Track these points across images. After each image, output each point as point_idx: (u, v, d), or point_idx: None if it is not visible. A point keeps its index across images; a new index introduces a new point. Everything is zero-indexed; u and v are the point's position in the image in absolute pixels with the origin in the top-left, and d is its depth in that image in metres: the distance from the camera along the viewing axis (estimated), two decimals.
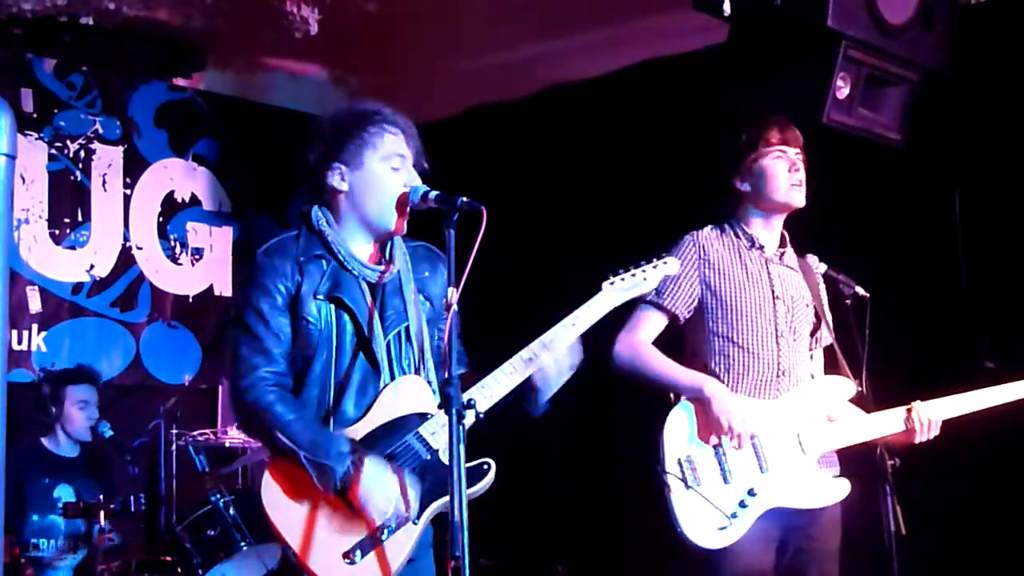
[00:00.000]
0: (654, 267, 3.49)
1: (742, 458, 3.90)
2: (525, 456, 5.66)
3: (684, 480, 3.83)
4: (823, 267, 4.31)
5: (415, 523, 3.17)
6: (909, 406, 4.07)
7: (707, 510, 3.82)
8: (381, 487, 3.12)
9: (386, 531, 3.13)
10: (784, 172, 4.11)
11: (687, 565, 3.90)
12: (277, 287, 3.26)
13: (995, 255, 5.39)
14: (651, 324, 4.09)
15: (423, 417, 3.25)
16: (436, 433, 3.22)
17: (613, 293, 3.40)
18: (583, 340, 3.35)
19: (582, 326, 3.31)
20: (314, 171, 3.35)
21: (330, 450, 3.13)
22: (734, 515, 3.82)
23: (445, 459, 3.16)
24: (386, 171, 3.30)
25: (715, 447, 3.90)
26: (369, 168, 3.31)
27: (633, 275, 3.45)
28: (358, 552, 3.11)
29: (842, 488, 4.01)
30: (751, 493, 3.85)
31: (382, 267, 3.36)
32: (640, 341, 4.06)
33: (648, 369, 4.04)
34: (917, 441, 4.06)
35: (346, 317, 3.28)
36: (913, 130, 5.26)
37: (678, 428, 3.91)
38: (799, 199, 4.14)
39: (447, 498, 3.09)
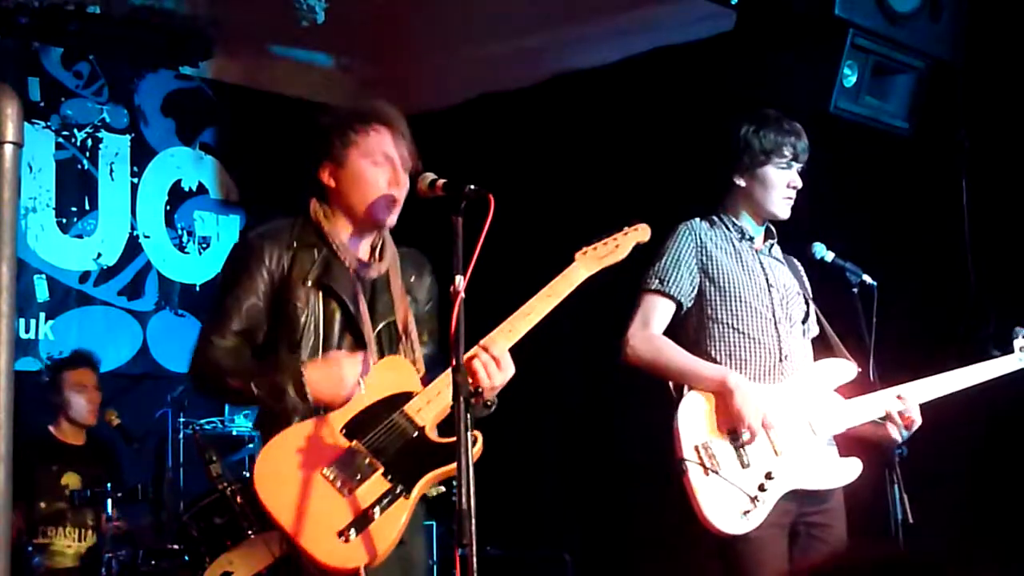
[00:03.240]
0: (625, 234, 3.56)
1: (757, 443, 3.90)
2: (532, 445, 5.67)
3: (703, 465, 3.83)
4: (830, 255, 4.31)
5: (406, 498, 3.18)
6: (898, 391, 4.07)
7: (729, 496, 3.81)
8: (343, 373, 3.20)
9: (378, 507, 3.14)
10: (783, 185, 4.13)
11: (701, 551, 3.89)
12: (261, 272, 3.33)
13: (1002, 242, 5.39)
14: (662, 314, 4.08)
15: (408, 396, 3.28)
16: (422, 411, 3.25)
17: (587, 262, 3.47)
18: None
19: (557, 299, 3.36)
20: (309, 167, 3.42)
21: (279, 372, 3.21)
22: (756, 499, 3.81)
23: (432, 436, 3.23)
24: (369, 168, 3.37)
25: (730, 432, 3.90)
26: (352, 166, 3.39)
27: (606, 244, 3.53)
28: (352, 530, 3.12)
29: (855, 467, 4.01)
30: (769, 477, 3.85)
31: (373, 261, 3.42)
32: (654, 334, 4.06)
33: (667, 362, 4.03)
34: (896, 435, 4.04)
35: (334, 305, 3.33)
36: (920, 118, 5.26)
37: (693, 414, 3.91)
38: (786, 213, 4.17)
39: (438, 471, 3.19)
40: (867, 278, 4.27)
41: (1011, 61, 5.39)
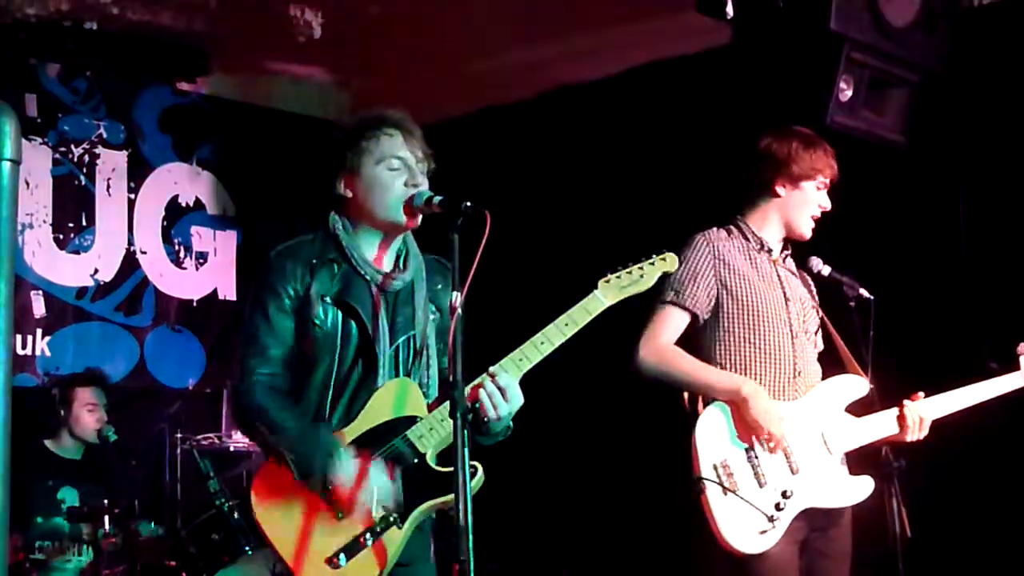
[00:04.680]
0: (651, 263, 3.41)
1: (774, 461, 3.90)
2: (530, 459, 5.65)
3: (721, 485, 3.82)
4: (827, 269, 4.31)
5: (399, 527, 3.16)
6: (901, 404, 4.08)
7: (747, 514, 3.80)
8: (363, 487, 3.14)
9: (370, 534, 3.13)
10: (815, 205, 4.17)
11: (705, 566, 3.88)
12: (286, 289, 3.29)
13: (998, 255, 5.39)
14: (674, 325, 4.06)
15: (412, 421, 3.25)
16: (423, 436, 3.22)
17: (609, 292, 3.34)
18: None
19: (574, 328, 3.27)
20: (326, 183, 3.40)
21: (315, 452, 3.14)
22: (773, 518, 3.81)
23: (431, 463, 3.21)
24: (383, 172, 3.33)
25: (747, 450, 3.89)
26: (367, 173, 3.34)
27: (630, 272, 3.38)
28: (342, 556, 3.12)
29: (866, 485, 4.01)
30: (785, 495, 3.84)
31: (396, 273, 3.38)
32: (666, 345, 4.04)
33: (678, 372, 4.01)
34: (908, 439, 4.06)
35: (352, 322, 3.29)
36: (916, 131, 5.27)
37: (710, 432, 3.90)
38: (808, 233, 4.20)
39: (433, 501, 3.17)
40: (864, 292, 4.27)
41: (1005, 74, 5.40)
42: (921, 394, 4.14)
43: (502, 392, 3.17)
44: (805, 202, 4.16)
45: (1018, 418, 4.49)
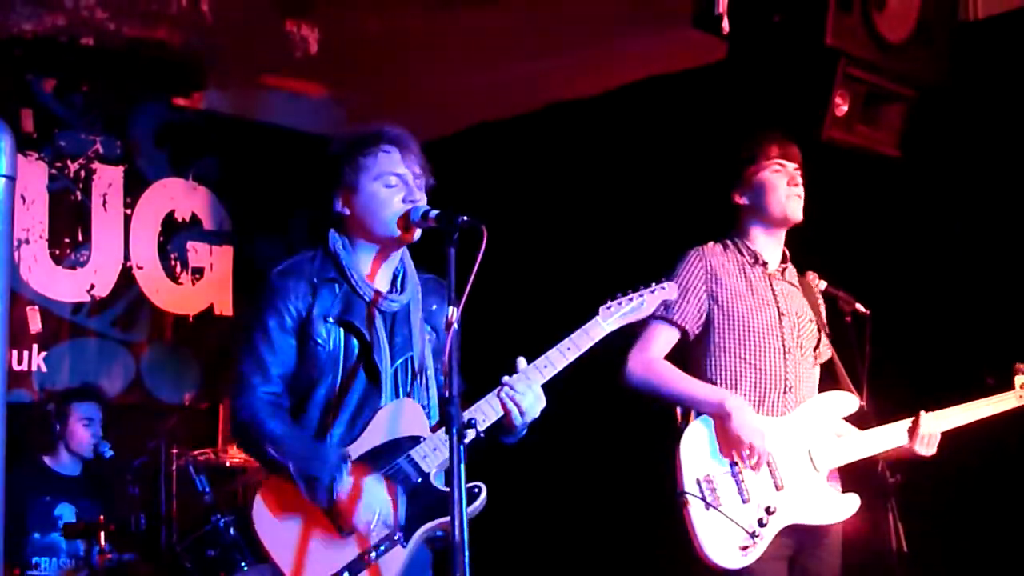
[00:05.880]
0: (652, 292, 3.51)
1: (758, 476, 3.89)
2: (526, 476, 5.65)
3: (704, 500, 3.82)
4: (823, 284, 4.31)
5: (403, 546, 3.16)
6: (915, 416, 4.07)
7: (728, 530, 3.80)
8: (367, 500, 3.14)
9: (374, 552, 3.13)
10: (783, 185, 4.14)
11: None
12: (288, 308, 3.29)
13: (995, 269, 5.39)
14: (663, 340, 4.07)
15: (415, 440, 3.26)
16: (427, 457, 3.23)
17: (609, 319, 3.40)
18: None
19: (576, 352, 3.32)
20: (323, 199, 3.40)
21: (320, 463, 3.15)
22: (754, 534, 3.80)
23: (435, 483, 3.22)
24: (381, 189, 3.34)
25: (731, 465, 3.88)
26: (365, 190, 3.36)
27: (631, 300, 3.47)
28: (346, 574, 3.11)
29: (853, 503, 4.00)
30: (768, 511, 3.84)
31: (393, 294, 3.38)
32: (654, 358, 4.05)
33: (665, 385, 4.01)
34: (921, 453, 4.06)
35: (355, 341, 3.30)
36: (912, 146, 5.27)
37: (695, 446, 3.90)
38: (797, 212, 4.16)
39: (436, 522, 3.18)
40: (860, 306, 4.27)
41: (1003, 86, 5.41)
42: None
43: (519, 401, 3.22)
44: (767, 193, 4.14)
45: (1017, 431, 4.48)
